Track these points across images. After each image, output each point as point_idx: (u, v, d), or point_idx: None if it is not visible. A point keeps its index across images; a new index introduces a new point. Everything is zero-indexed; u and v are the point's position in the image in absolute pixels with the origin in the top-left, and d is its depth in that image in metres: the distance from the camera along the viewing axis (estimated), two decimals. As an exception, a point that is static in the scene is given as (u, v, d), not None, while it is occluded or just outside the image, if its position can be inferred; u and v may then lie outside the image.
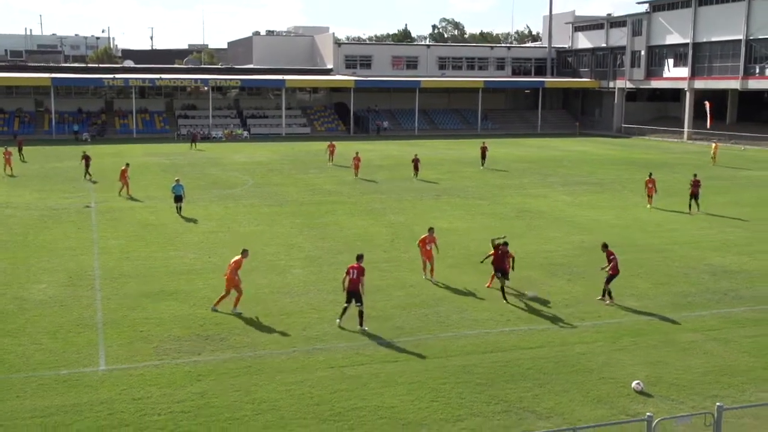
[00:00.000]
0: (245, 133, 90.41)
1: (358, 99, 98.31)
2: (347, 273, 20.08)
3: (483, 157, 57.58)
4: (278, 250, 29.20)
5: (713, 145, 64.37)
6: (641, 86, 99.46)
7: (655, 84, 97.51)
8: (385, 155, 67.55)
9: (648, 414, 11.58)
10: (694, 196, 38.17)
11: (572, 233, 32.90)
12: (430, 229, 25.39)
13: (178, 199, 36.67)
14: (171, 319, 20.72)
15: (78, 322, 20.30)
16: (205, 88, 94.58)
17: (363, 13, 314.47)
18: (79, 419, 14.67)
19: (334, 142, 62.37)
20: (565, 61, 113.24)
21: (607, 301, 22.53)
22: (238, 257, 21.46)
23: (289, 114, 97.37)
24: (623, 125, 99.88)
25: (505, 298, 22.48)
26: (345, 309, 20.19)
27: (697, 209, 37.96)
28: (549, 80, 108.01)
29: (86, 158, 49.73)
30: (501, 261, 22.69)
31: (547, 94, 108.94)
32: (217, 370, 17.17)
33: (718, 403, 12.05)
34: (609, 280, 22.51)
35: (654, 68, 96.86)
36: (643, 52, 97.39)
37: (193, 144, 75.81)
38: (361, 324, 19.91)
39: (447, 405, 15.47)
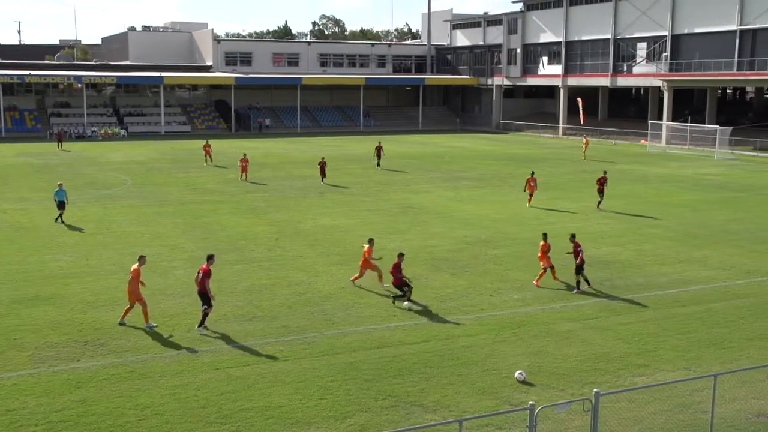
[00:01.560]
0: (122, 132, 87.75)
1: (239, 96, 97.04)
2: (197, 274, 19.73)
3: (378, 156, 56.66)
4: (160, 251, 28.48)
5: (584, 140, 66.87)
6: (518, 83, 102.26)
7: (531, 81, 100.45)
8: (267, 153, 66.96)
9: (530, 402, 11.89)
10: (600, 192, 38.77)
11: (455, 228, 33.49)
12: (371, 240, 24.04)
13: (61, 206, 33.80)
14: (47, 325, 19.89)
15: (-55, 332, 19.22)
16: (79, 86, 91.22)
17: (242, 9, 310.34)
18: (-52, 435, 13.92)
19: (210, 141, 60.75)
20: (444, 58, 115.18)
21: (586, 287, 23.56)
22: (135, 266, 20.10)
23: (168, 112, 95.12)
24: (502, 121, 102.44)
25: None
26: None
27: (597, 206, 38.44)
28: (429, 77, 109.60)
29: None
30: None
31: (427, 91, 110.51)
32: (97, 376, 16.61)
33: (595, 389, 12.51)
34: (578, 270, 23.37)
35: (529, 66, 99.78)
36: (518, 50, 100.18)
37: (60, 144, 70.99)
38: (200, 325, 19.43)
39: (335, 402, 15.48)
